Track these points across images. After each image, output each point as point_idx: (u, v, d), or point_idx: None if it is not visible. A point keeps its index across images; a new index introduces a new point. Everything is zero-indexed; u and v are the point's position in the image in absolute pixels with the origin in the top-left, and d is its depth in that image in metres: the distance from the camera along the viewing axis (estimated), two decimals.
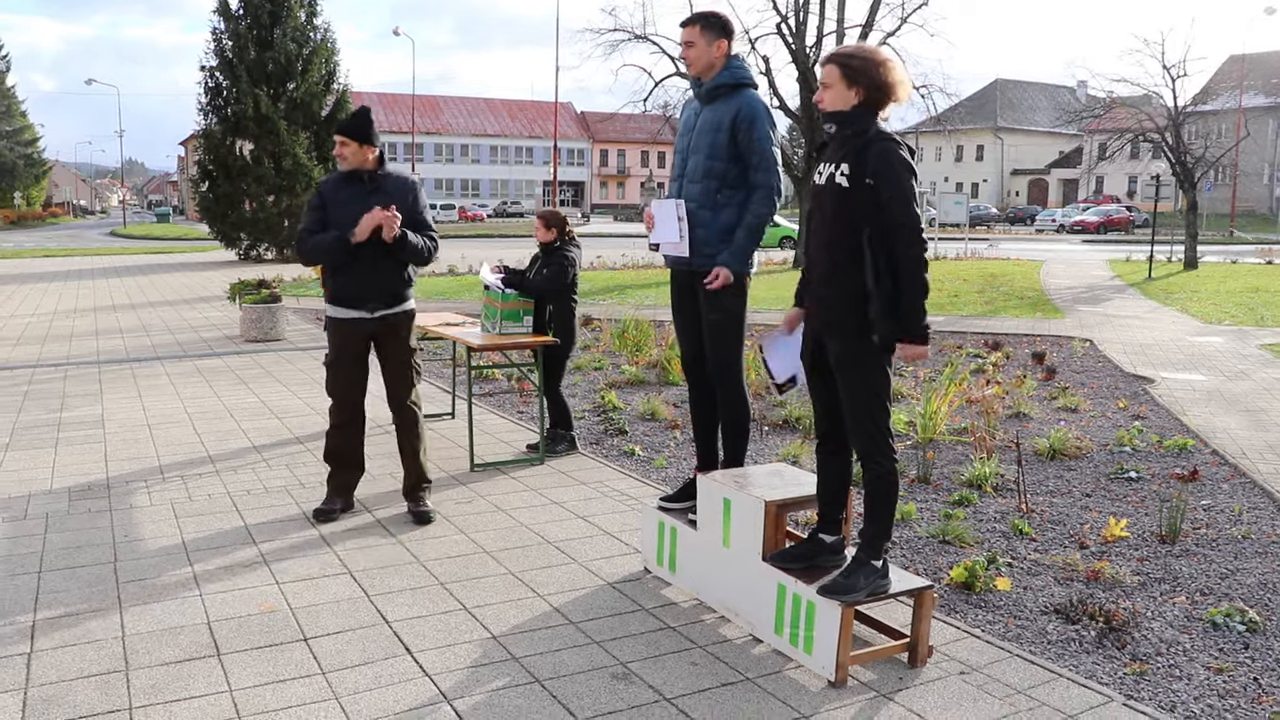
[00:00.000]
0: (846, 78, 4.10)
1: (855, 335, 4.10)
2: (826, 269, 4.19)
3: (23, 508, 6.25)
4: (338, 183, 5.99)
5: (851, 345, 4.12)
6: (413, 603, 4.84)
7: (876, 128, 4.10)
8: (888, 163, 3.98)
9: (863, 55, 4.15)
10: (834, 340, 4.19)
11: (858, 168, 4.02)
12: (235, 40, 30.04)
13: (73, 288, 22.48)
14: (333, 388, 6.15)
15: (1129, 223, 58.85)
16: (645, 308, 16.61)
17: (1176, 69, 28.33)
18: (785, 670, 4.21)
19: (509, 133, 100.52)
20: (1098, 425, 8.79)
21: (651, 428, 8.60)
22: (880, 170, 3.98)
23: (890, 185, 3.97)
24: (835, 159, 4.13)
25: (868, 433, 4.16)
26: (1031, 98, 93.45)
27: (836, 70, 4.12)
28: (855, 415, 4.18)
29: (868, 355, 4.10)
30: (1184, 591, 5.10)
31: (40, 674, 4.07)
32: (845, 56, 4.16)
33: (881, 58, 4.14)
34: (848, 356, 4.15)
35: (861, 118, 4.11)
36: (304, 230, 5.98)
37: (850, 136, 4.10)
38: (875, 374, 4.12)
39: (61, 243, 48.02)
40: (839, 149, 4.14)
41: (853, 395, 4.16)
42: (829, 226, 4.15)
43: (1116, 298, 20.45)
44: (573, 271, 7.54)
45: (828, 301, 4.20)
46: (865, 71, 4.08)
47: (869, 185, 3.99)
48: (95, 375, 11.09)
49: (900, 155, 4.01)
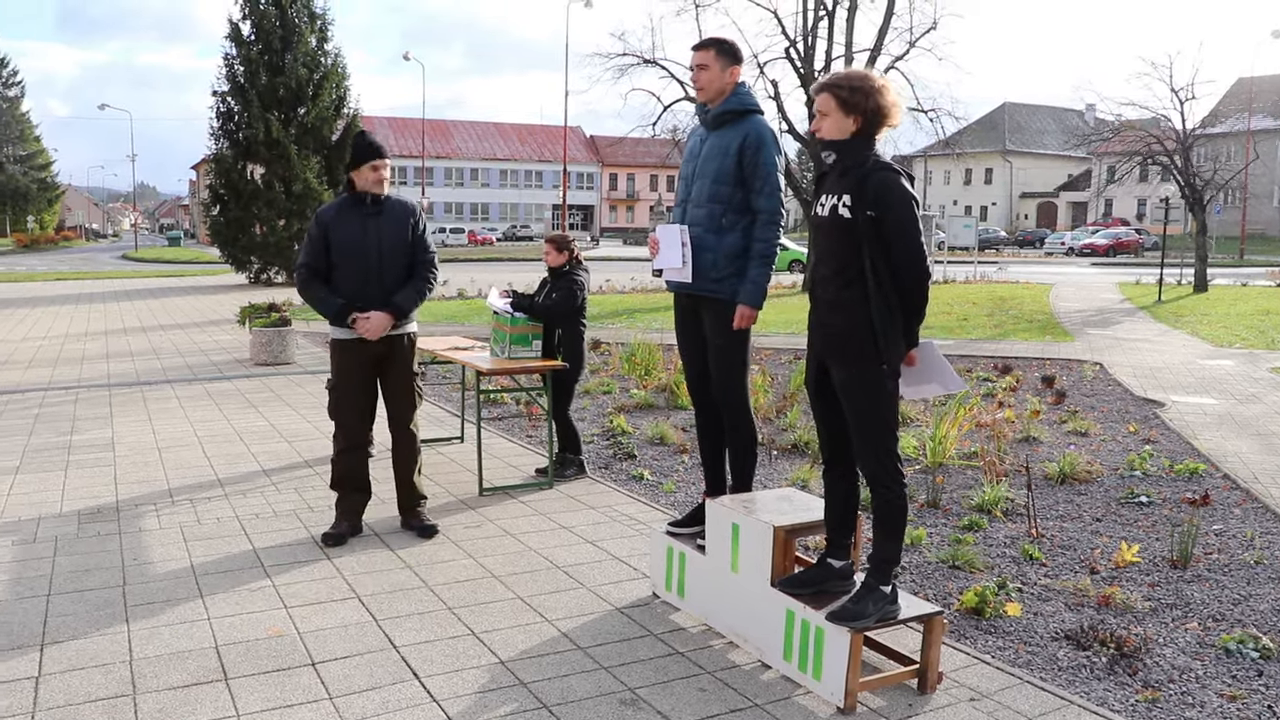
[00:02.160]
0: (842, 106, 4.13)
1: (861, 361, 4.11)
2: (831, 297, 4.20)
3: (32, 530, 6.25)
4: (340, 208, 6.06)
5: (857, 371, 4.14)
6: (421, 627, 4.83)
7: (875, 157, 4.12)
8: (889, 193, 4.01)
9: (854, 82, 4.16)
10: (839, 366, 4.20)
11: (859, 199, 4.04)
12: (247, 65, 30.21)
13: (84, 311, 22.57)
14: (337, 412, 6.16)
15: (1138, 245, 58.78)
16: (654, 331, 16.62)
17: (1185, 92, 28.41)
18: (794, 696, 4.19)
19: (518, 157, 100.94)
20: (1108, 449, 8.76)
21: (660, 452, 8.59)
22: (882, 201, 4.01)
23: (893, 216, 4.00)
24: (836, 190, 4.14)
25: (876, 457, 4.16)
26: (1040, 121, 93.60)
27: (832, 99, 4.15)
28: (863, 440, 4.18)
29: (874, 381, 4.11)
30: (1196, 617, 5.07)
31: (48, 698, 4.07)
32: (837, 84, 4.17)
33: (876, 83, 4.17)
34: (853, 382, 4.16)
35: (860, 147, 4.14)
36: (303, 266, 6.05)
37: (851, 167, 4.12)
38: (882, 399, 4.13)
39: (74, 266, 48.23)
40: (839, 180, 4.16)
41: (860, 420, 4.17)
42: (833, 257, 4.18)
43: (1126, 321, 20.42)
44: (581, 296, 7.55)
45: (833, 329, 4.21)
46: (860, 98, 4.11)
47: (871, 217, 4.01)
48: (106, 398, 11.12)
49: (901, 185, 4.03)
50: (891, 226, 4.00)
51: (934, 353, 4.37)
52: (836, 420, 4.33)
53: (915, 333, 4.19)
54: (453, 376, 12.41)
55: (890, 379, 4.13)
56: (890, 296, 4.04)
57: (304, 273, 6.04)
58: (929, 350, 4.35)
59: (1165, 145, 28.64)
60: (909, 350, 4.22)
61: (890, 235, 4.00)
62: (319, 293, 5.98)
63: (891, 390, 4.15)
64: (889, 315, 4.05)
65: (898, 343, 4.10)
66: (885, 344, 4.05)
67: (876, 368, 4.08)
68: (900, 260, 4.01)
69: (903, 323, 4.10)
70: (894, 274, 4.03)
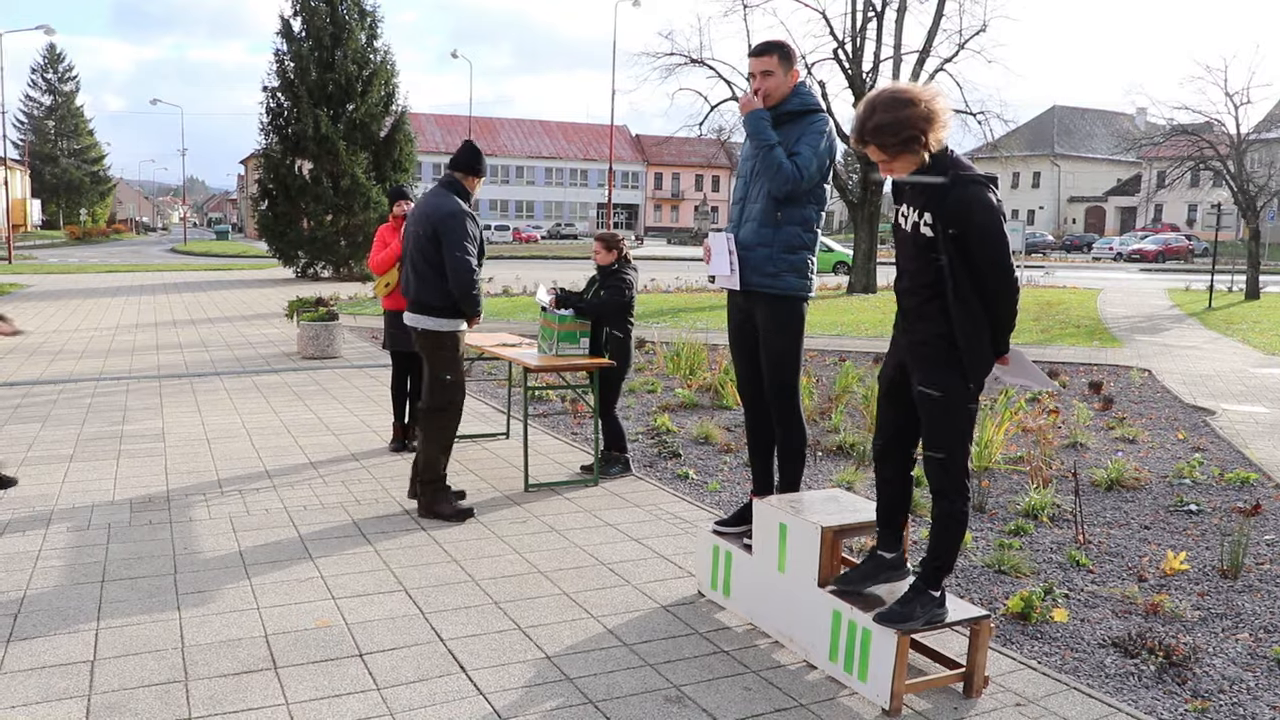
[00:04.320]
0: (892, 151, 4.00)
1: (943, 373, 4.05)
2: (915, 309, 4.14)
3: (86, 518, 6.36)
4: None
5: (937, 382, 4.06)
6: (467, 621, 4.87)
7: (954, 170, 3.97)
8: (970, 210, 3.89)
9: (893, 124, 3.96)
10: (919, 374, 4.13)
11: (939, 217, 3.94)
12: (297, 61, 30.48)
13: (134, 303, 22.89)
14: (457, 396, 6.64)
15: (1188, 251, 58.05)
16: (698, 330, 16.61)
17: (1239, 96, 27.96)
18: (839, 697, 4.18)
19: (564, 155, 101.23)
20: (1156, 457, 8.67)
21: (705, 451, 8.60)
22: (963, 219, 3.89)
23: (976, 233, 3.89)
24: (917, 204, 4.04)
25: (945, 469, 4.11)
26: (1089, 125, 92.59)
27: (879, 151, 4.03)
28: (934, 450, 4.12)
29: (954, 394, 4.05)
30: (1247, 628, 5.01)
31: (103, 681, 4.14)
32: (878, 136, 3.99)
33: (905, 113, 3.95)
34: (932, 392, 4.09)
35: (932, 167, 4.00)
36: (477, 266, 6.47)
37: (929, 184, 4.00)
38: (960, 413, 4.08)
39: (124, 258, 48.90)
40: (919, 194, 4.04)
41: (934, 431, 4.12)
42: (919, 271, 4.08)
43: (1175, 327, 20.17)
44: (629, 294, 7.57)
45: (917, 338, 4.15)
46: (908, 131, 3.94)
47: (953, 235, 3.91)
48: (156, 389, 11.28)
49: (982, 199, 3.90)
50: (975, 243, 3.89)
51: (1023, 360, 4.28)
52: (902, 420, 4.30)
53: (1005, 343, 4.09)
54: (498, 373, 12.48)
55: (973, 394, 4.08)
56: (975, 311, 3.95)
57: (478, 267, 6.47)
58: (1018, 356, 4.26)
59: (1218, 150, 28.25)
60: (999, 358, 4.12)
61: (974, 251, 3.90)
62: (480, 291, 6.49)
63: (971, 405, 4.10)
64: (973, 330, 3.96)
65: (984, 357, 4.01)
66: (970, 360, 3.99)
67: (958, 382, 4.04)
68: (987, 274, 3.92)
69: (990, 336, 4.01)
70: (980, 289, 3.94)
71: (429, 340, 6.51)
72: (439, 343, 6.49)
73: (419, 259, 6.42)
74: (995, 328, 4.03)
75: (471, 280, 6.32)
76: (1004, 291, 3.96)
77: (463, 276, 6.28)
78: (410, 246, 6.52)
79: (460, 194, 6.47)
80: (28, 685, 4.11)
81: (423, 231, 6.38)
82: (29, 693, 4.05)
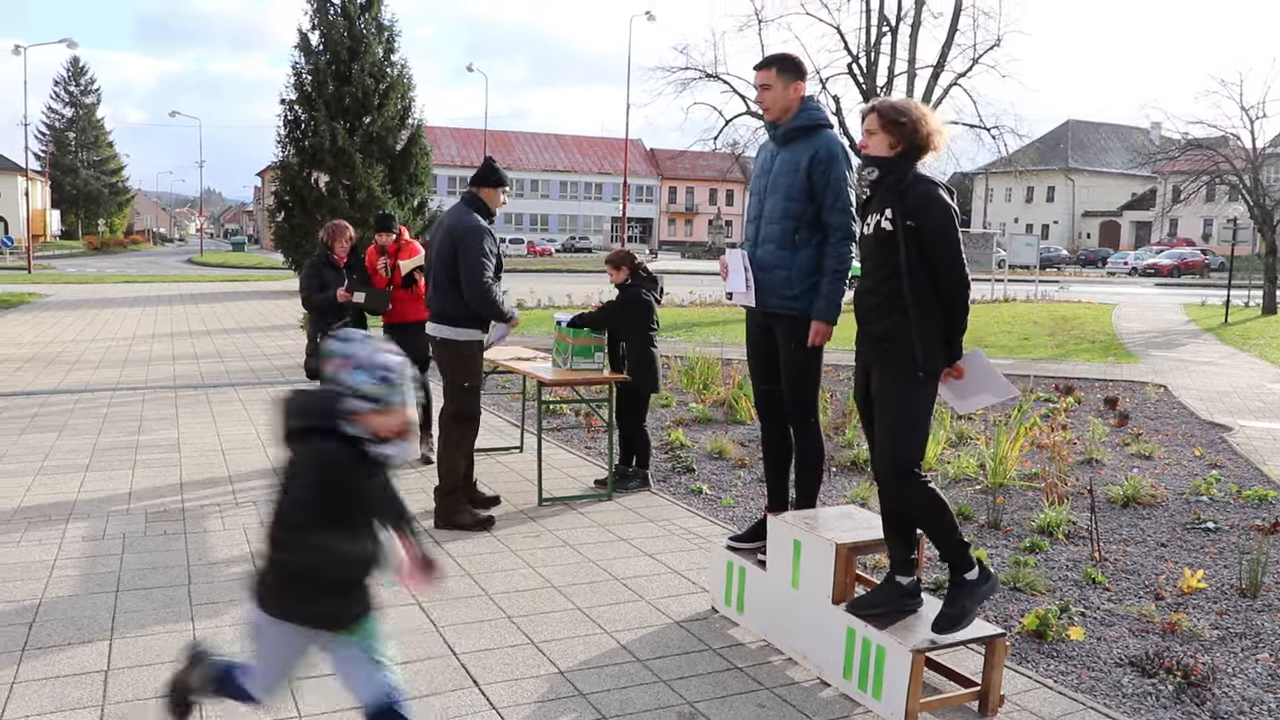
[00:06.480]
0: (885, 127, 4.25)
1: (898, 363, 4.19)
2: (876, 307, 4.29)
3: (101, 527, 6.38)
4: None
5: (893, 373, 4.22)
6: (480, 635, 4.86)
7: (915, 172, 4.24)
8: (927, 203, 4.11)
9: (899, 105, 4.30)
10: (878, 368, 4.30)
11: (899, 211, 4.14)
12: (315, 75, 30.59)
13: (150, 313, 22.98)
14: (474, 406, 6.76)
15: (1204, 266, 57.79)
16: (713, 345, 16.58)
17: (1256, 110, 27.94)
18: (853, 715, 4.16)
19: (579, 168, 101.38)
20: (1173, 473, 8.61)
21: (719, 466, 8.59)
22: (920, 211, 4.11)
23: (932, 226, 4.10)
24: (879, 207, 4.25)
25: (891, 453, 4.22)
26: (1104, 139, 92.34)
27: (878, 119, 4.27)
28: (884, 438, 4.25)
29: (907, 383, 4.18)
30: (1267, 648, 4.97)
31: (117, 691, 4.15)
32: (883, 106, 4.31)
33: (916, 113, 4.27)
34: (888, 383, 4.24)
35: (902, 165, 4.26)
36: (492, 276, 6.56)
37: (893, 183, 4.22)
38: (912, 401, 4.20)
39: (141, 269, 49.10)
40: (882, 197, 4.25)
41: (886, 419, 4.24)
42: (877, 268, 4.27)
43: (1191, 343, 20.07)
44: (633, 305, 7.55)
45: (875, 336, 4.30)
46: (903, 121, 4.23)
47: (910, 227, 4.11)
48: (171, 399, 11.31)
49: (939, 196, 4.13)
50: (929, 235, 4.09)
51: (981, 361, 4.36)
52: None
53: (958, 345, 4.25)
54: (512, 386, 12.47)
55: (927, 385, 4.18)
56: (929, 303, 4.12)
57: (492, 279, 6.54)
58: (976, 360, 4.35)
59: (1234, 164, 28.15)
60: (953, 362, 4.26)
61: (929, 243, 4.09)
62: (499, 297, 6.58)
63: (926, 397, 4.20)
64: (927, 321, 4.12)
65: (937, 350, 4.16)
66: (922, 349, 4.12)
67: (912, 372, 4.14)
68: (940, 268, 4.10)
69: (943, 331, 4.17)
70: (934, 282, 4.12)
71: (447, 349, 6.64)
72: (456, 351, 6.62)
73: (440, 273, 6.59)
74: (948, 323, 4.19)
75: (484, 290, 6.43)
76: (956, 283, 4.13)
77: (475, 287, 6.42)
78: (434, 260, 6.67)
79: (480, 210, 6.65)
80: (42, 695, 4.12)
81: (445, 246, 6.55)
82: (43, 702, 4.05)
